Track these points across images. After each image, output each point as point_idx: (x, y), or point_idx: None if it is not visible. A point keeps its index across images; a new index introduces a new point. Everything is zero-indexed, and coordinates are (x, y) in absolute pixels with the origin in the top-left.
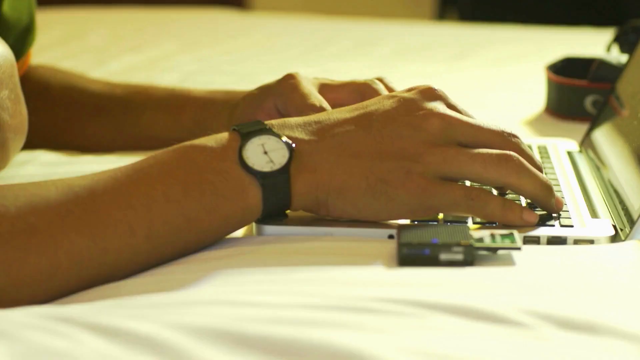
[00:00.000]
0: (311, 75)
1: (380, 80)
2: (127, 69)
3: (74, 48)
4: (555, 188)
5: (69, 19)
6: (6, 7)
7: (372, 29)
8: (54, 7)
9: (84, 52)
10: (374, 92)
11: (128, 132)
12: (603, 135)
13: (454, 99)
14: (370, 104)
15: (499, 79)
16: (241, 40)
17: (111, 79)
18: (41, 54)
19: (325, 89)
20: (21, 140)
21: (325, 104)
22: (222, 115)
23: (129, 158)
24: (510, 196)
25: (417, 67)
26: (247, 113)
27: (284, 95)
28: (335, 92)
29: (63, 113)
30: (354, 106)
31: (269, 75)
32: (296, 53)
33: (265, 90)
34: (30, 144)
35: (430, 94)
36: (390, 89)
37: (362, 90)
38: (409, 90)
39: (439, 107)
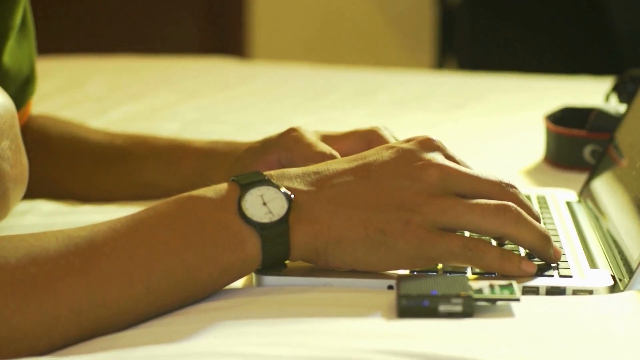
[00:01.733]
0: (311, 125)
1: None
2: (127, 118)
3: (73, 97)
4: (554, 238)
5: (69, 68)
6: (7, 57)
7: (372, 78)
8: (53, 55)
9: (83, 101)
10: (381, 139)
11: (128, 182)
12: (602, 186)
13: (452, 149)
14: (369, 155)
15: (497, 128)
16: (241, 89)
17: (111, 128)
18: (41, 103)
19: (327, 140)
20: (22, 190)
21: (335, 152)
22: (223, 166)
23: (129, 208)
24: (509, 246)
25: (417, 116)
26: (249, 166)
27: (288, 148)
28: (339, 143)
29: (63, 163)
30: (352, 157)
31: (269, 124)
32: (296, 101)
33: (267, 144)
34: (31, 194)
35: (429, 144)
36: (394, 138)
37: (368, 138)
38: (408, 140)
39: (437, 157)
